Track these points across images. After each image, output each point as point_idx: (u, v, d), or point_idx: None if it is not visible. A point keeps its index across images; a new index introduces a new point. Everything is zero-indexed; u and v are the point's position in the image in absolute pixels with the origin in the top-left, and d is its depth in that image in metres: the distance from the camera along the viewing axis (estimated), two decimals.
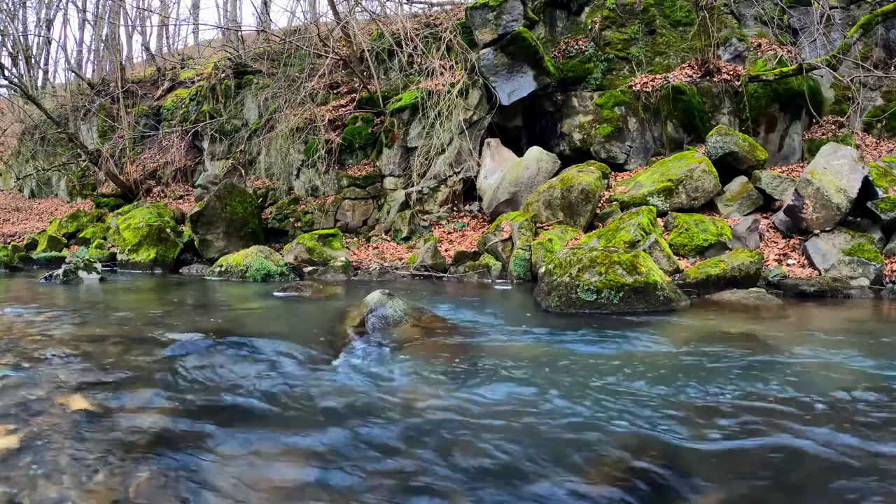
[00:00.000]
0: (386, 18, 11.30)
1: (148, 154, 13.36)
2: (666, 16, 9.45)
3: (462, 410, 2.27)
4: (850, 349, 3.25)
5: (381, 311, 3.65)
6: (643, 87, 8.85)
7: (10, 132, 16.64)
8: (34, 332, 3.58)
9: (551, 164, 8.39)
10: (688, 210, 7.15)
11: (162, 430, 2.03)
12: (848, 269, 5.76)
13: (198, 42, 19.08)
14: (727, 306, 4.84)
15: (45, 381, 2.52)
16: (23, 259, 9.32)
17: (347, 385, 2.58)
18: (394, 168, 9.58)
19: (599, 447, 1.94)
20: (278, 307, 5.01)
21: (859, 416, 2.22)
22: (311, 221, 9.70)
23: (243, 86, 12.48)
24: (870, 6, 8.71)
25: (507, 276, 6.87)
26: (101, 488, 1.63)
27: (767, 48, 9.00)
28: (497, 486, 1.68)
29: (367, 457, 1.85)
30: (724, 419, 2.19)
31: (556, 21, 10.05)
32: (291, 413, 2.24)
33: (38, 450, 1.83)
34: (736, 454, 1.90)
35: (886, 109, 8.49)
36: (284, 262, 7.49)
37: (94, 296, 5.83)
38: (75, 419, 2.10)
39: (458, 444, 1.95)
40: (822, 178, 6.33)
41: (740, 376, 2.74)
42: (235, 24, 16.41)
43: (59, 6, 19.21)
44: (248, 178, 11.24)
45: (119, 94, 13.93)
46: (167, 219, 9.49)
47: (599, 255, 4.69)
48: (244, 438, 1.99)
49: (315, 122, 10.07)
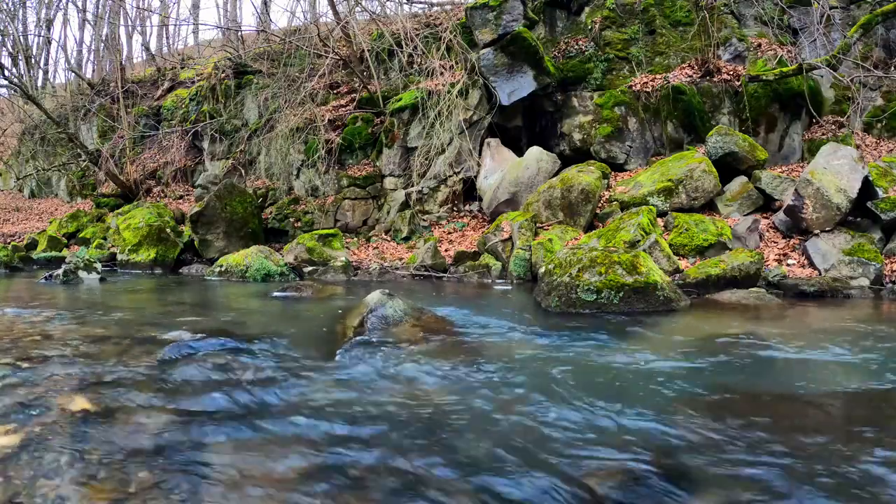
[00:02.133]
0: (386, 18, 11.30)
1: (148, 154, 13.36)
2: (666, 16, 9.45)
3: (461, 410, 2.28)
4: (850, 349, 3.25)
5: (380, 311, 3.65)
6: (643, 87, 8.85)
7: (10, 132, 16.64)
8: (34, 332, 3.58)
9: (551, 164, 8.40)
10: (688, 210, 7.15)
11: (162, 429, 2.03)
12: (848, 269, 5.76)
13: (198, 42, 19.09)
14: (727, 306, 4.84)
15: (45, 381, 2.52)
16: (23, 259, 9.32)
17: (347, 385, 2.58)
18: (394, 168, 9.58)
19: (598, 446, 1.94)
20: (278, 307, 5.01)
21: (859, 417, 2.22)
22: (311, 221, 9.70)
23: (243, 86, 12.48)
24: (870, 6, 8.71)
25: (507, 276, 6.87)
26: (101, 488, 1.63)
27: (767, 48, 9.00)
28: (496, 485, 1.68)
29: (367, 456, 1.86)
30: (723, 419, 2.19)
31: (556, 21, 10.05)
32: (291, 413, 2.24)
33: (38, 450, 1.83)
34: (736, 455, 1.90)
35: (886, 109, 8.49)
36: (284, 262, 7.50)
37: (94, 296, 5.83)
38: (75, 419, 2.10)
39: (457, 443, 1.95)
40: (822, 178, 6.33)
41: (740, 376, 2.74)
42: (235, 24, 16.41)
43: (59, 6, 19.24)
44: (248, 178, 11.24)
45: (119, 94, 13.93)
46: (167, 219, 9.49)
47: (599, 255, 4.69)
48: (244, 438, 1.99)
49: (315, 122, 10.07)
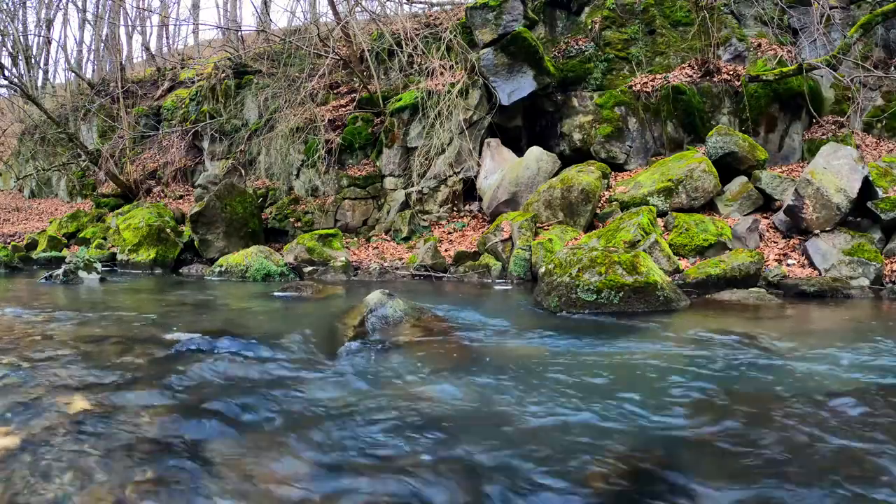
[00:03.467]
0: (386, 18, 11.30)
1: (148, 154, 13.36)
2: (666, 16, 9.46)
3: (461, 410, 2.28)
4: (850, 349, 3.25)
5: (381, 311, 3.65)
6: (643, 87, 8.85)
7: (10, 132, 16.64)
8: (34, 332, 3.58)
9: (551, 164, 8.40)
10: (688, 210, 7.15)
11: (162, 429, 2.03)
12: (848, 269, 5.76)
13: (198, 42, 19.07)
14: (727, 306, 4.84)
15: (45, 381, 2.52)
16: (23, 259, 9.32)
17: (347, 384, 2.58)
18: (394, 168, 9.58)
19: (598, 447, 1.94)
20: (278, 307, 5.01)
21: (858, 416, 2.22)
22: (311, 221, 9.70)
23: (243, 86, 12.47)
24: (870, 6, 8.71)
25: (507, 276, 6.87)
26: (101, 488, 1.63)
27: (767, 48, 9.01)
28: (496, 485, 1.68)
29: (366, 455, 1.86)
30: (723, 419, 2.19)
31: (556, 21, 10.05)
32: (291, 412, 2.24)
33: (38, 450, 1.83)
34: (735, 454, 1.90)
35: (886, 109, 8.49)
36: (284, 262, 7.50)
37: (94, 296, 5.83)
38: (75, 419, 2.10)
39: (457, 442, 1.95)
40: (822, 178, 6.33)
41: (740, 376, 2.74)
42: (235, 24, 16.39)
43: (59, 6, 19.22)
44: (248, 178, 11.24)
45: (119, 94, 13.92)
46: (167, 219, 9.49)
47: (599, 255, 4.69)
48: (244, 438, 1.99)
49: (315, 122, 10.06)
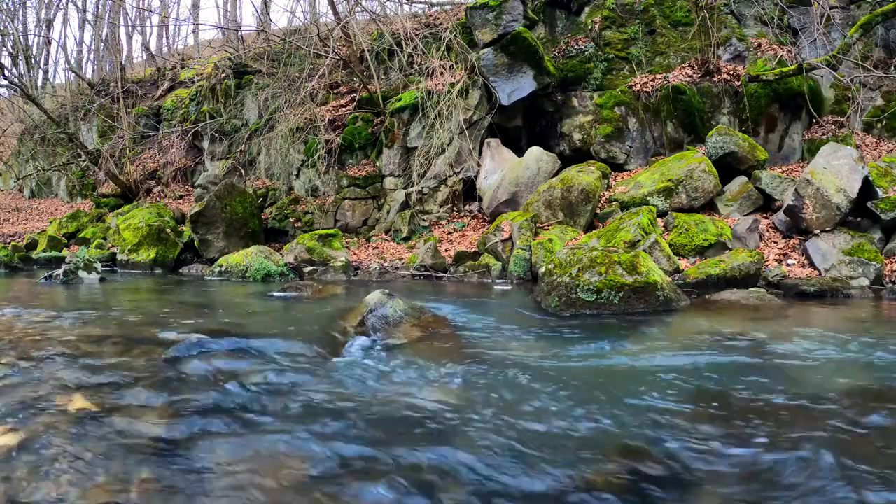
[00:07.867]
0: (386, 18, 11.29)
1: (148, 154, 13.36)
2: (666, 16, 9.45)
3: (460, 411, 2.28)
4: (850, 349, 3.25)
5: (380, 311, 3.65)
6: (643, 87, 8.85)
7: (10, 132, 16.63)
8: (34, 332, 3.58)
9: (551, 164, 8.39)
10: (688, 210, 7.15)
11: (162, 429, 2.03)
12: (848, 269, 5.76)
13: (198, 42, 19.06)
14: (727, 306, 4.84)
15: (45, 381, 2.52)
16: (23, 259, 9.32)
17: (347, 384, 2.58)
18: (394, 168, 9.58)
19: (597, 447, 1.94)
20: (278, 307, 5.01)
21: (857, 416, 2.22)
22: (311, 221, 9.70)
23: (243, 86, 12.47)
24: (870, 6, 8.71)
25: (507, 276, 6.87)
26: (101, 488, 1.63)
27: (767, 48, 9.00)
28: (496, 484, 1.68)
29: (366, 454, 1.86)
30: (723, 419, 2.19)
31: (556, 21, 10.05)
32: (291, 412, 2.24)
33: (38, 450, 1.83)
34: (735, 454, 1.90)
35: (886, 109, 8.49)
36: (284, 262, 7.50)
37: (94, 296, 5.83)
38: (75, 419, 2.10)
39: (458, 442, 1.95)
40: (822, 178, 6.33)
41: (739, 376, 2.74)
42: (235, 24, 16.39)
43: (59, 6, 19.22)
44: (248, 178, 11.23)
45: (119, 94, 13.92)
46: (167, 219, 9.49)
47: (599, 255, 4.69)
48: (244, 437, 1.99)
49: (315, 122, 10.06)
